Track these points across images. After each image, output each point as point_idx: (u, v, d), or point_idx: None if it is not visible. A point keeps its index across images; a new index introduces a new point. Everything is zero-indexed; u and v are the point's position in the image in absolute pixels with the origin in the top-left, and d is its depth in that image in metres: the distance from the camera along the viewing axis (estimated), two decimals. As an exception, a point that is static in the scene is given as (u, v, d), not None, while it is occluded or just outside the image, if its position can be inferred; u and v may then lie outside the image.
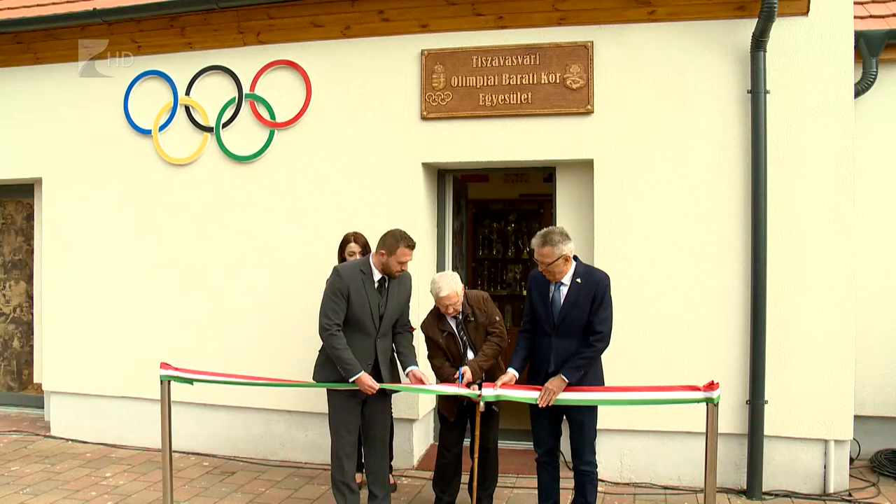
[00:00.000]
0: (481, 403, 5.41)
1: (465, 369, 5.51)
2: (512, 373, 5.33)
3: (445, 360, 5.75)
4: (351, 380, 5.42)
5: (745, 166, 6.48)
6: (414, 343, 5.95)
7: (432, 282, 5.66)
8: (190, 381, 5.89)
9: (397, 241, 5.51)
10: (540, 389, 5.17)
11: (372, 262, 5.61)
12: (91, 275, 8.03)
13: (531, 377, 5.40)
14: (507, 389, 5.26)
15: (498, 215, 11.50)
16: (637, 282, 6.65)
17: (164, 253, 7.78)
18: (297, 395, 7.20)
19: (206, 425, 7.65)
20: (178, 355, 6.81)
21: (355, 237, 6.45)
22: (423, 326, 5.85)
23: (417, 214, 7.13)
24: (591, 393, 5.14)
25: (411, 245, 5.55)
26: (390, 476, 6.22)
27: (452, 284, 5.59)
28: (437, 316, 5.79)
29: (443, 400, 5.87)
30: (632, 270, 6.66)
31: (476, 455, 5.65)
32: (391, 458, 6.36)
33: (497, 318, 5.73)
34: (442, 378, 5.72)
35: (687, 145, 6.61)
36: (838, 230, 6.37)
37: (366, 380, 5.42)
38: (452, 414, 5.83)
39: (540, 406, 5.15)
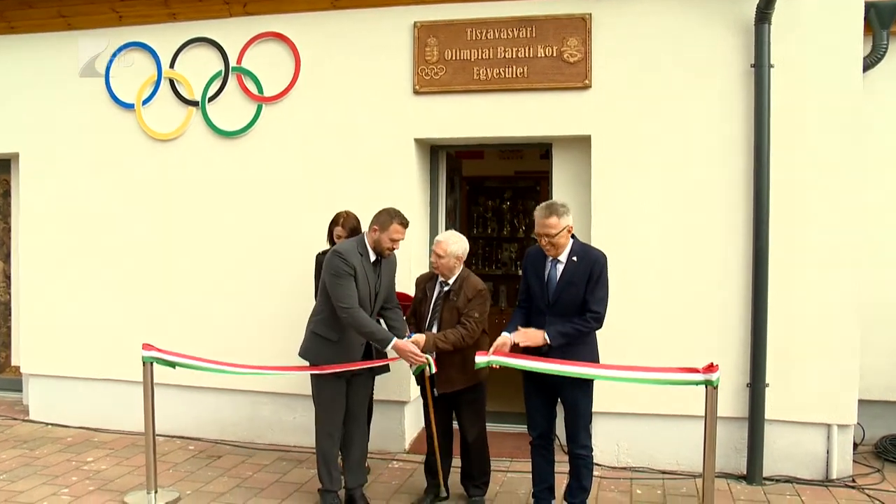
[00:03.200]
0: (426, 370, 5.59)
1: (420, 337, 5.56)
2: (506, 336, 5.28)
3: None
4: (388, 348, 5.51)
5: (748, 143, 6.45)
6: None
7: (444, 231, 5.81)
8: (172, 365, 5.91)
9: (391, 217, 5.58)
10: (535, 359, 5.16)
11: (367, 242, 5.66)
12: (71, 253, 7.98)
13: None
14: (500, 356, 5.24)
15: (493, 193, 11.52)
16: (635, 261, 6.64)
17: (148, 230, 7.74)
18: (284, 377, 7.16)
19: (190, 408, 7.64)
20: (161, 337, 6.80)
21: (345, 219, 6.36)
22: (418, 278, 6.03)
23: (410, 191, 7.12)
24: (586, 367, 5.14)
25: (405, 223, 5.62)
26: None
27: (449, 240, 5.69)
28: (430, 275, 5.90)
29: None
30: (630, 249, 6.65)
31: (434, 430, 5.86)
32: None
33: (475, 315, 5.63)
34: None
35: (688, 121, 6.58)
36: (845, 209, 6.34)
37: (403, 345, 5.51)
38: (419, 381, 5.95)
39: (493, 351, 5.20)
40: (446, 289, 5.74)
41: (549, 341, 5.14)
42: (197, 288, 7.62)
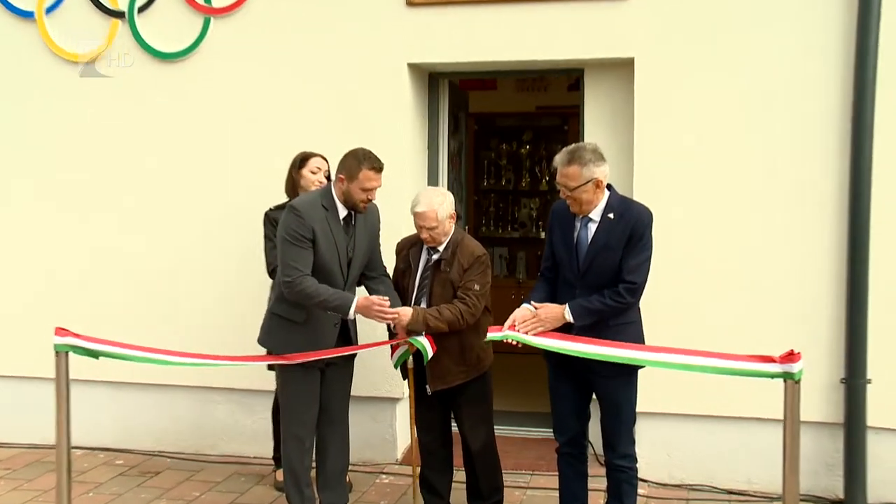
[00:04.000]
0: (409, 360, 5.67)
1: (405, 310, 5.50)
2: (527, 307, 5.21)
3: None
4: (352, 312, 5.47)
5: (844, 70, 6.30)
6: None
7: (417, 193, 5.70)
8: (95, 355, 5.67)
9: (359, 161, 5.47)
10: (565, 337, 5.06)
11: (335, 194, 5.59)
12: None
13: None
14: (516, 333, 5.14)
15: (508, 134, 11.60)
16: (690, 222, 6.59)
17: (57, 186, 7.63)
18: (241, 369, 6.95)
19: (118, 411, 7.60)
20: (78, 320, 6.43)
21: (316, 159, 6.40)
22: (398, 244, 6.00)
23: (401, 132, 7.09)
24: (630, 350, 5.04)
25: (377, 167, 5.51)
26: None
27: (433, 201, 5.57)
28: (415, 240, 5.85)
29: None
30: (683, 207, 6.58)
31: (414, 437, 5.88)
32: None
33: (475, 287, 5.59)
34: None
35: (762, 40, 6.46)
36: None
37: (366, 301, 5.48)
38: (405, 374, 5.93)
39: (508, 325, 5.11)
40: (436, 256, 5.69)
41: (570, 318, 5.03)
42: (125, 258, 7.53)
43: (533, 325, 5.05)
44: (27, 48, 7.60)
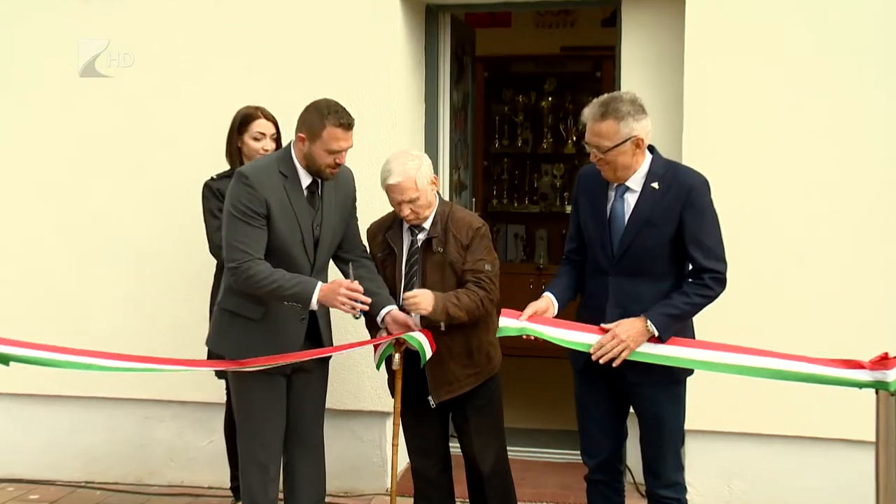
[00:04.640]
0: (395, 358, 5.53)
1: (424, 295, 5.31)
2: (549, 298, 5.14)
3: None
4: (314, 301, 5.31)
5: None
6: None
7: (385, 162, 5.55)
8: (3, 360, 5.53)
9: (323, 116, 5.31)
10: (594, 330, 4.95)
11: (295, 157, 5.46)
12: None
13: None
14: (538, 324, 5.00)
15: (526, 82, 11.70)
16: (757, 197, 6.55)
17: None
18: (191, 377, 6.99)
19: (34, 431, 7.59)
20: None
21: (264, 113, 6.28)
22: (369, 229, 5.88)
23: (391, 80, 7.04)
24: (677, 348, 4.94)
25: (345, 123, 5.34)
26: None
27: (407, 168, 5.43)
28: (391, 221, 5.76)
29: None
30: (747, 176, 6.53)
31: (395, 455, 5.79)
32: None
33: (487, 268, 5.51)
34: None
35: None
36: None
37: (332, 284, 5.31)
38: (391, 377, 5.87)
39: (594, 358, 4.90)
40: (422, 236, 5.59)
41: (655, 332, 4.85)
42: (42, 243, 7.51)
43: (612, 349, 4.83)
44: None
